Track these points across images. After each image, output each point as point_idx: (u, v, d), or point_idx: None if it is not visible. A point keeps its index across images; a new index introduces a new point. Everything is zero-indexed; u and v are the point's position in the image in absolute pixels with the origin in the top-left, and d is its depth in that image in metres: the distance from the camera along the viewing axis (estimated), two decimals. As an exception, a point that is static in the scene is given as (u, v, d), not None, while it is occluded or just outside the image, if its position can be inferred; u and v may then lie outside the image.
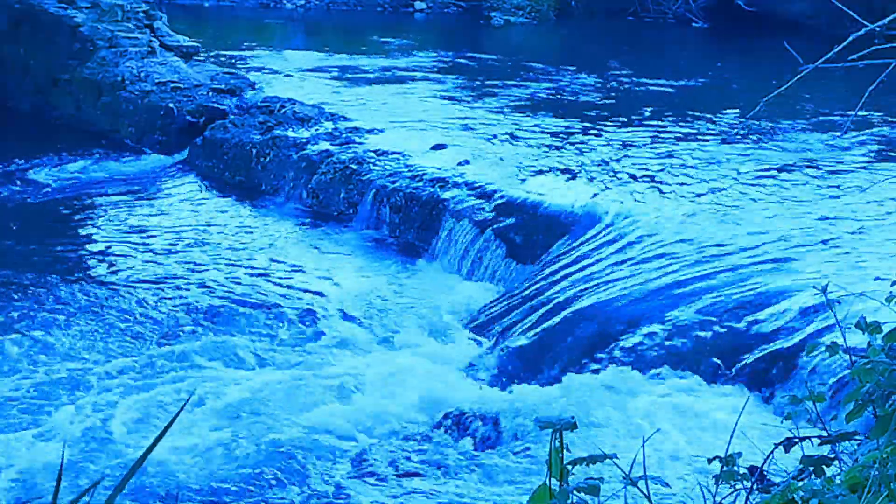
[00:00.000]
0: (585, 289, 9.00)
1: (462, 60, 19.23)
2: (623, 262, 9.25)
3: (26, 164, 13.71)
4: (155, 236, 11.51)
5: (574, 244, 9.94)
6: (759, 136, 13.05)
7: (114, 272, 10.46)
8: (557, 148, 12.60)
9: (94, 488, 1.65)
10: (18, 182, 13.20)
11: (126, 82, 14.94)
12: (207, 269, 10.60)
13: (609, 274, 9.12)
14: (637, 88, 16.75)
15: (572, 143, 12.86)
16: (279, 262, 10.89)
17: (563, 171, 11.53)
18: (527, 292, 9.41)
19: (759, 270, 8.56)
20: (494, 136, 13.17)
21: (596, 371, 7.97)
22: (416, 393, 7.92)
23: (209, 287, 10.12)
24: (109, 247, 11.21)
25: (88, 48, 15.35)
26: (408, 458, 7.16)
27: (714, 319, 8.06)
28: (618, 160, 11.96)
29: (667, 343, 8.00)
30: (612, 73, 17.86)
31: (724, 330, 7.94)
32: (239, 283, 10.22)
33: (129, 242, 11.32)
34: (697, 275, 8.68)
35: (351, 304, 9.83)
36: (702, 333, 7.97)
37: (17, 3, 15.62)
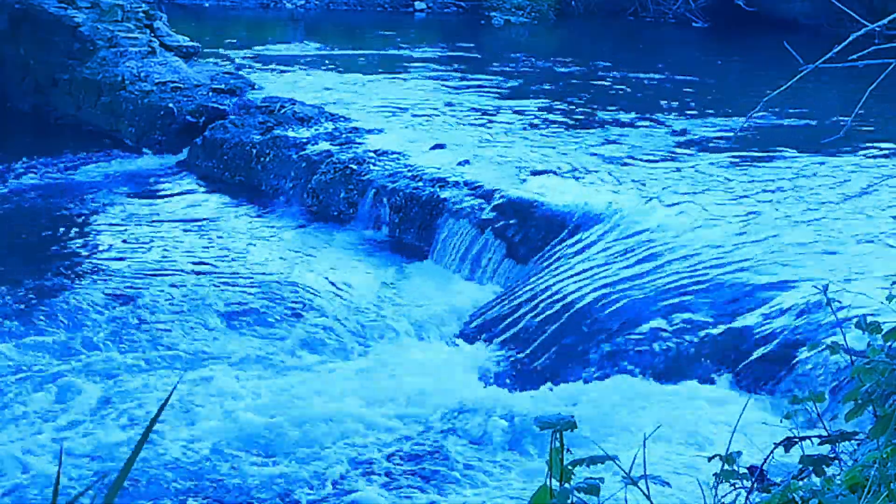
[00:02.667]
0: (585, 288, 9.00)
1: (462, 60, 19.24)
2: (623, 261, 9.25)
3: (26, 164, 13.71)
4: (153, 237, 11.51)
5: (574, 244, 9.94)
6: (758, 135, 13.05)
7: (113, 272, 10.45)
8: (557, 148, 12.59)
9: (88, 491, 1.64)
10: (18, 182, 13.19)
11: (126, 82, 14.94)
12: (206, 270, 10.59)
13: (609, 273, 9.11)
14: (637, 88, 16.75)
15: (572, 143, 12.86)
16: (279, 262, 10.88)
17: (563, 171, 11.52)
18: (526, 292, 9.41)
19: (759, 270, 8.55)
20: (494, 136, 13.17)
21: (596, 371, 7.97)
22: (415, 392, 7.91)
23: (208, 287, 10.11)
24: (108, 247, 11.20)
25: (88, 48, 15.35)
26: (407, 457, 7.16)
27: (714, 319, 8.06)
28: (618, 160, 11.96)
29: (666, 343, 8.00)
30: (611, 74, 17.85)
31: (724, 329, 7.93)
32: (237, 284, 10.21)
33: (129, 243, 11.32)
34: (697, 274, 8.67)
35: (350, 305, 9.82)
36: (701, 333, 7.97)
37: (17, 3, 15.62)
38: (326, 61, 18.56)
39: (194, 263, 10.76)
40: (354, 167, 12.13)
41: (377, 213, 11.65)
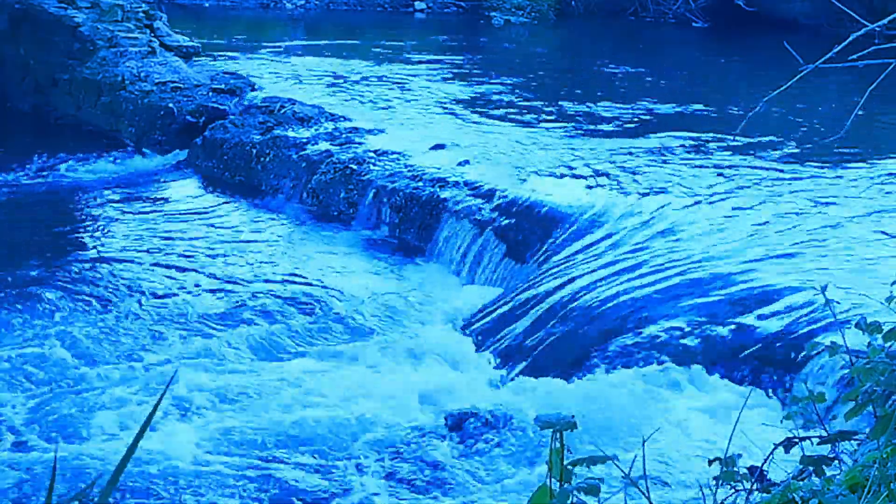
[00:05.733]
0: (585, 288, 9.00)
1: (462, 60, 19.23)
2: (623, 261, 9.25)
3: (26, 164, 13.71)
4: (154, 237, 11.51)
5: (574, 244, 9.94)
6: (758, 135, 13.04)
7: (113, 272, 10.46)
8: (557, 148, 12.59)
9: (90, 488, 1.64)
10: (18, 182, 13.20)
11: (126, 82, 14.94)
12: (206, 270, 10.59)
13: (609, 273, 9.11)
14: (637, 88, 16.75)
15: (572, 143, 12.85)
16: (278, 262, 10.89)
17: (563, 171, 11.52)
18: (526, 292, 9.40)
19: (759, 270, 8.55)
20: (494, 136, 13.17)
21: (596, 371, 7.96)
22: (415, 392, 7.92)
23: (208, 287, 10.12)
24: (109, 247, 11.21)
25: (88, 48, 15.36)
26: (407, 457, 7.16)
27: (714, 319, 8.06)
28: (618, 160, 11.95)
29: (666, 342, 8.00)
30: (611, 73, 17.86)
31: (724, 329, 7.93)
32: (237, 284, 10.22)
33: (129, 243, 11.32)
34: (697, 274, 8.67)
35: (350, 305, 9.83)
36: (701, 333, 7.97)
37: (17, 3, 15.62)
38: (326, 61, 18.55)
39: (194, 263, 10.75)
40: (354, 167, 12.14)
41: (377, 213, 11.65)
